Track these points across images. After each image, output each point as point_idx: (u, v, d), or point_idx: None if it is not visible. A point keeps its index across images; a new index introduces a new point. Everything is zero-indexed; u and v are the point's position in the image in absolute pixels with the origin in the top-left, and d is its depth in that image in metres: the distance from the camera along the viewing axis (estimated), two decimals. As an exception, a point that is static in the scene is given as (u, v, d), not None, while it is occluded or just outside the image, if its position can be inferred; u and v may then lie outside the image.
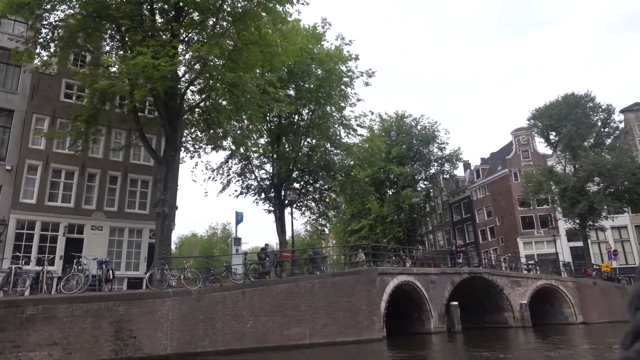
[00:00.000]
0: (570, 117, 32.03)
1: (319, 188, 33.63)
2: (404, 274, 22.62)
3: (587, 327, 27.83)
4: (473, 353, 16.49)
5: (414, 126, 51.67)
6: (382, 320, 19.77)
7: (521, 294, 28.53)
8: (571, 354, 15.10)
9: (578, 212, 30.66)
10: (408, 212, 47.08)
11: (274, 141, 30.76)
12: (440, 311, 24.22)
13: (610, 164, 30.10)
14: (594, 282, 29.94)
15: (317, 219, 35.20)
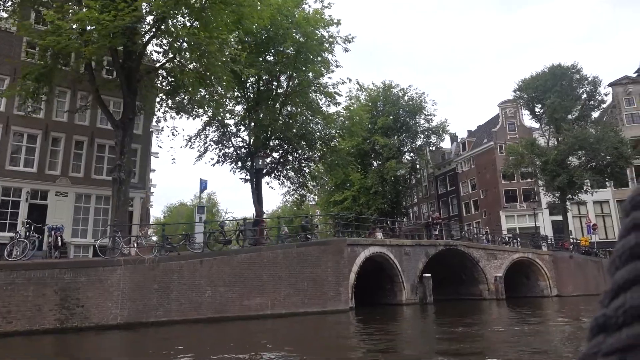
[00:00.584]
0: (555, 89, 31.28)
1: (298, 158, 32.95)
2: (376, 245, 22.28)
3: (561, 300, 27.94)
4: (439, 325, 16.28)
5: (402, 97, 50.65)
6: (350, 291, 19.51)
7: (497, 266, 28.46)
8: (527, 323, 14.94)
9: (557, 185, 30.32)
10: (392, 184, 46.66)
11: (251, 108, 29.89)
12: (413, 283, 24.07)
13: (593, 138, 29.62)
14: (570, 255, 29.92)
15: (297, 189, 34.68)
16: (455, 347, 10.10)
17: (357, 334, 12.94)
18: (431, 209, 56.40)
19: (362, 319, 16.79)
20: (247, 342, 11.01)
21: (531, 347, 10.30)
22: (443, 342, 11.42)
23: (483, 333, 13.06)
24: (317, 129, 32.51)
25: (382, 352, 9.66)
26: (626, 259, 0.46)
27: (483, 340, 11.27)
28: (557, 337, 12.36)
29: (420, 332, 13.70)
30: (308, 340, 10.97)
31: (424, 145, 52.98)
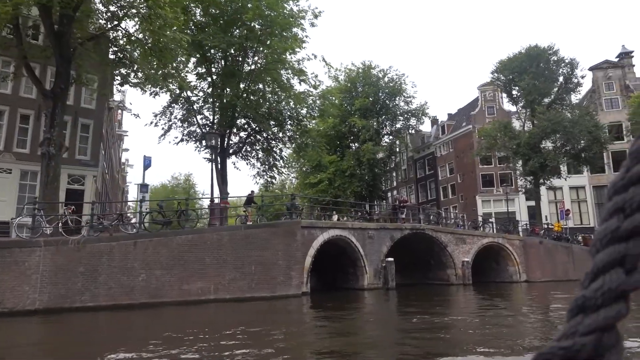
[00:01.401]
0: (531, 70, 30.45)
1: (267, 137, 31.87)
2: (337, 228, 21.48)
3: (529, 286, 27.59)
4: (392, 311, 15.56)
5: (381, 78, 49.56)
6: (305, 275, 18.73)
7: (466, 251, 27.94)
8: (483, 308, 14.31)
9: (529, 169, 29.73)
10: (369, 167, 45.86)
11: (216, 85, 28.71)
12: (377, 267, 23.40)
13: (568, 121, 28.96)
14: (540, 241, 29.50)
15: (267, 170, 33.67)
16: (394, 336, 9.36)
17: (296, 322, 12.13)
18: (398, 193, 55.91)
19: (312, 305, 16.02)
20: (171, 328, 10.14)
21: (479, 331, 9.60)
22: (387, 329, 10.70)
23: (435, 320, 12.35)
24: (287, 108, 31.45)
25: (307, 344, 8.83)
26: (607, 243, 0.48)
27: (434, 329, 10.53)
28: (504, 322, 11.72)
29: (366, 320, 12.94)
30: (234, 325, 10.13)
31: (404, 128, 52.15)
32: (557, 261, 29.68)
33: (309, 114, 32.48)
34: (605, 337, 0.46)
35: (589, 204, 42.89)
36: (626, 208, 0.48)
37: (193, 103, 29.42)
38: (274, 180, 34.84)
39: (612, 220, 0.47)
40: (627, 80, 44.93)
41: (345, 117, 47.07)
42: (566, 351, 0.47)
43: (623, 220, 0.47)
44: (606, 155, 43.23)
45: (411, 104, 49.19)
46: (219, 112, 28.71)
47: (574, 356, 0.47)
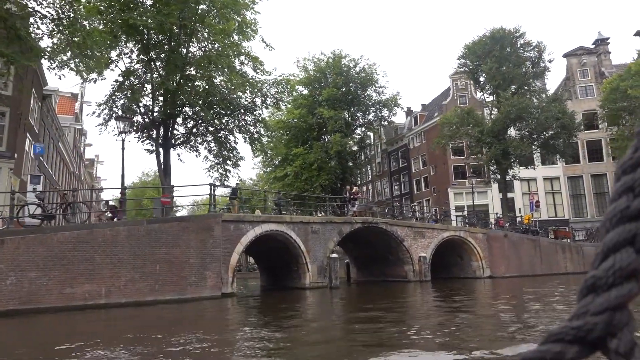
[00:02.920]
0: (493, 53, 28.74)
1: (217, 128, 29.93)
2: (272, 223, 19.66)
3: (492, 282, 26.02)
4: (319, 315, 13.75)
5: (352, 68, 47.68)
6: (230, 275, 16.93)
7: (424, 246, 26.28)
8: (428, 307, 12.60)
9: (491, 156, 28.07)
10: (338, 159, 44.06)
11: (158, 71, 26.76)
12: (321, 264, 21.62)
13: (534, 107, 27.29)
14: (504, 234, 27.88)
15: (221, 163, 31.72)
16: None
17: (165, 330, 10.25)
18: (392, 185, 54.26)
19: (227, 309, 14.22)
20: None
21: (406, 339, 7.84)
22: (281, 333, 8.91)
23: (356, 326, 10.57)
24: (239, 96, 29.60)
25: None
26: (616, 222, 0.48)
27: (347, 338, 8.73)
28: (429, 322, 9.99)
29: (281, 324, 11.13)
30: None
31: (377, 120, 50.41)
32: (522, 255, 28.11)
33: (263, 102, 30.59)
34: (617, 316, 0.46)
35: (563, 195, 41.46)
36: (635, 187, 0.47)
37: (135, 91, 27.40)
38: (229, 174, 32.78)
39: (622, 200, 0.47)
40: (602, 67, 43.49)
41: (314, 108, 45.24)
42: (578, 330, 0.47)
43: (632, 200, 0.47)
44: (581, 144, 41.86)
45: (383, 94, 47.48)
46: (162, 101, 26.81)
47: (586, 335, 0.46)
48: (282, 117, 47.60)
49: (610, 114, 34.35)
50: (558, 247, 29.82)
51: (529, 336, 7.83)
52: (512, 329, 9.02)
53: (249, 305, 15.55)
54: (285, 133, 47.10)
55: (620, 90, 31.68)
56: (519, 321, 9.91)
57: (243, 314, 13.31)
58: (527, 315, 10.98)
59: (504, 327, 9.41)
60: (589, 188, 40.65)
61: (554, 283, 23.13)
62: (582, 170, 41.07)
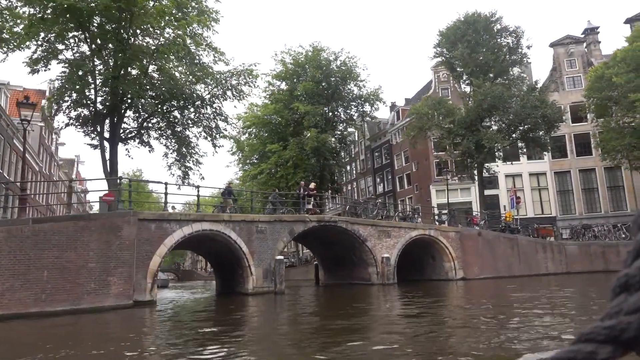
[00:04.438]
0: (466, 39, 26.73)
1: (171, 121, 28.06)
2: (206, 221, 17.74)
3: (465, 284, 24.02)
4: (240, 328, 11.80)
5: (333, 61, 45.71)
6: (150, 280, 15.03)
7: (390, 245, 24.32)
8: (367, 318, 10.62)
9: (464, 150, 26.09)
10: (314, 156, 42.11)
11: (104, 60, 24.97)
12: (268, 267, 19.69)
13: (508, 96, 25.28)
14: (478, 232, 25.89)
15: (181, 160, 29.82)
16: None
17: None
18: (375, 183, 52.28)
19: (130, 320, 12.31)
20: None
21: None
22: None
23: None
24: (195, 88, 27.82)
25: None
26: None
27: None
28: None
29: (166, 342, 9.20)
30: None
31: (359, 116, 48.45)
32: (498, 255, 26.12)
33: (223, 94, 28.73)
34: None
35: (550, 191, 39.41)
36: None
37: (79, 82, 25.53)
38: (191, 171, 30.79)
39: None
40: (592, 57, 41.41)
41: (291, 103, 43.35)
42: (610, 330, 0.45)
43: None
44: (568, 138, 39.81)
45: (364, 88, 45.51)
46: (105, 92, 25.03)
47: (619, 335, 0.44)
48: (258, 113, 45.78)
49: (597, 104, 32.27)
50: (538, 246, 27.79)
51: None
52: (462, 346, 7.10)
53: (164, 315, 13.61)
54: (261, 129, 45.26)
55: (605, 78, 29.63)
56: (468, 336, 7.98)
57: (138, 327, 11.38)
58: (481, 328, 9.01)
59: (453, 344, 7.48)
60: (577, 184, 38.60)
61: (532, 285, 21.14)
62: (569, 165, 39.02)
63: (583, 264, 27.89)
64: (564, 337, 7.18)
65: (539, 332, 8.00)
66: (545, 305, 12.70)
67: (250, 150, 44.25)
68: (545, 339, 7.30)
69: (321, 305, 15.69)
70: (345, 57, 45.59)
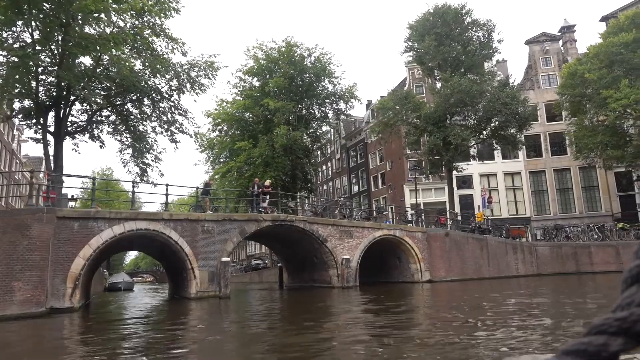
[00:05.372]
0: (434, 31, 25.67)
1: (123, 115, 26.49)
2: (141, 220, 16.28)
3: (431, 287, 22.89)
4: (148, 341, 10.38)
5: (307, 57, 44.41)
6: (71, 285, 13.54)
7: (353, 246, 23.09)
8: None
9: (430, 146, 25.00)
10: (288, 154, 40.75)
11: (47, 47, 23.32)
12: (215, 269, 18.29)
13: (477, 91, 24.24)
14: (446, 233, 24.79)
15: (138, 156, 28.21)
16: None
17: None
18: (350, 182, 51.09)
19: (31, 330, 10.82)
20: None
21: None
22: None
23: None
24: (148, 80, 26.37)
25: None
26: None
27: None
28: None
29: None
30: None
31: (335, 114, 47.25)
32: (467, 256, 25.06)
33: (180, 87, 27.29)
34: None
35: (524, 191, 38.61)
36: None
37: (21, 72, 23.86)
38: (149, 168, 29.17)
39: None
40: (568, 56, 40.78)
41: (262, 99, 41.97)
42: (622, 322, 0.44)
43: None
44: (543, 137, 39.09)
45: (339, 86, 44.31)
46: (53, 84, 23.43)
47: (631, 327, 0.44)
48: (228, 109, 44.40)
49: (571, 102, 31.50)
50: (509, 247, 26.82)
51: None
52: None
53: (70, 326, 12.07)
54: (230, 126, 43.85)
55: (578, 75, 28.87)
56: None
57: (34, 341, 9.89)
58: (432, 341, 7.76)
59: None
60: (552, 183, 37.86)
61: (499, 288, 20.04)
62: (544, 164, 38.27)
63: (554, 266, 27.01)
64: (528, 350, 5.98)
65: (498, 344, 6.79)
66: (507, 312, 11.54)
67: (220, 148, 42.73)
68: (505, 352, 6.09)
69: (260, 312, 14.34)
70: (319, 54, 44.30)
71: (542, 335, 7.38)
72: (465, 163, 28.63)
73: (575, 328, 7.92)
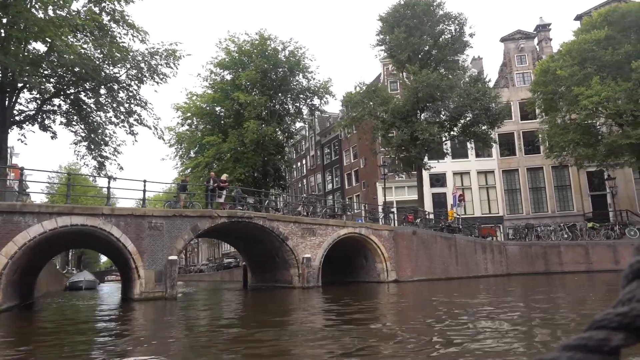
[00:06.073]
0: (404, 22, 24.85)
1: (81, 105, 25.08)
2: (77, 215, 15.00)
3: (398, 287, 22.05)
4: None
5: (281, 51, 43.22)
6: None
7: (315, 245, 22.12)
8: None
9: (397, 141, 24.20)
10: (259, 150, 39.56)
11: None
12: (162, 269, 17.11)
13: (445, 85, 23.47)
14: (413, 231, 24.01)
15: (93, 149, 26.74)
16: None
17: None
18: (324, 179, 50.11)
19: None
20: None
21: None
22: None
23: None
24: (112, 70, 25.12)
25: None
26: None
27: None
28: None
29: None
30: None
31: (309, 109, 46.20)
32: (434, 256, 24.31)
33: (138, 75, 26.01)
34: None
35: (498, 190, 38.18)
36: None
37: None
38: (107, 161, 27.69)
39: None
40: (542, 54, 40.47)
41: (232, 93, 40.70)
42: (623, 317, 0.44)
43: None
44: (517, 135, 38.71)
45: (313, 81, 43.26)
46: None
47: (632, 322, 0.44)
48: (198, 103, 43.07)
49: (544, 100, 31.07)
50: (478, 246, 26.18)
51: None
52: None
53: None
54: (200, 120, 42.55)
55: (550, 72, 28.40)
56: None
57: None
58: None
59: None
60: (525, 182, 37.51)
61: (466, 288, 19.30)
62: (517, 163, 37.90)
63: (524, 265, 26.48)
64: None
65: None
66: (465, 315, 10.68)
67: (189, 143, 41.36)
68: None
69: (195, 318, 13.23)
70: (293, 48, 43.17)
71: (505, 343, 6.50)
72: (436, 160, 27.91)
73: (537, 332, 7.07)
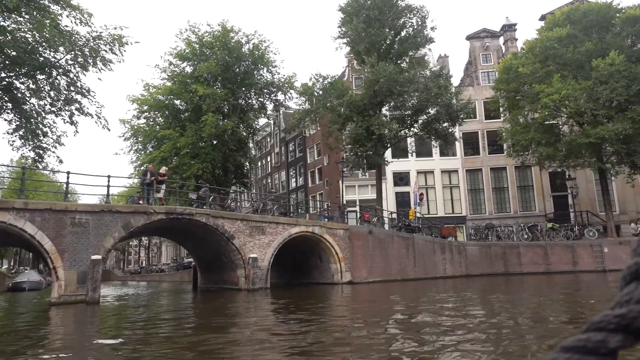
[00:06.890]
0: (364, 12, 23.87)
1: (14, 92, 23.14)
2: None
3: (352, 289, 20.96)
4: None
5: (245, 44, 41.66)
6: None
7: (264, 244, 20.81)
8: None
9: (351, 135, 23.19)
10: (218, 145, 37.96)
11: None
12: (86, 269, 15.51)
13: (404, 78, 22.54)
14: (369, 230, 23.00)
15: (28, 140, 24.73)
16: None
17: None
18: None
19: None
20: None
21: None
22: None
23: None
24: (50, 54, 23.28)
25: None
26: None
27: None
28: None
29: None
30: None
31: (273, 104, 44.80)
32: (391, 256, 23.37)
33: (83, 62, 24.19)
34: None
35: (461, 189, 37.68)
36: None
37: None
38: (45, 153, 25.69)
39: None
40: (508, 54, 40.25)
41: (191, 85, 38.97)
42: (621, 319, 0.44)
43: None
44: (481, 134, 38.33)
45: (277, 75, 41.88)
46: None
47: (630, 324, 0.44)
48: (155, 95, 41.14)
49: (507, 98, 30.62)
50: (437, 246, 25.39)
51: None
52: None
53: None
54: (156, 113, 40.64)
55: (513, 70, 27.94)
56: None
57: None
58: None
59: None
60: (488, 182, 37.13)
61: (421, 290, 18.34)
62: (481, 162, 37.50)
63: (483, 266, 25.86)
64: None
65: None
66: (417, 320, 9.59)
67: (145, 136, 39.39)
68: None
69: (114, 326, 11.76)
70: (257, 41, 41.71)
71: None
72: (400, 159, 26.98)
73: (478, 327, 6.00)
